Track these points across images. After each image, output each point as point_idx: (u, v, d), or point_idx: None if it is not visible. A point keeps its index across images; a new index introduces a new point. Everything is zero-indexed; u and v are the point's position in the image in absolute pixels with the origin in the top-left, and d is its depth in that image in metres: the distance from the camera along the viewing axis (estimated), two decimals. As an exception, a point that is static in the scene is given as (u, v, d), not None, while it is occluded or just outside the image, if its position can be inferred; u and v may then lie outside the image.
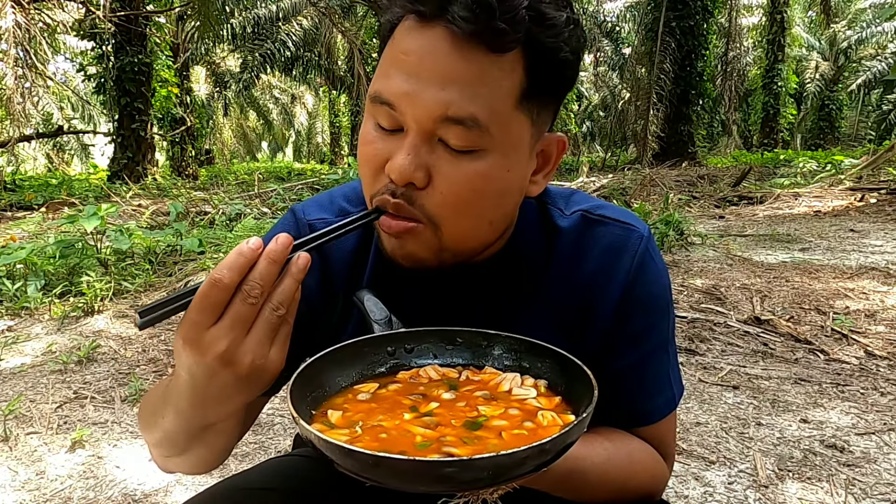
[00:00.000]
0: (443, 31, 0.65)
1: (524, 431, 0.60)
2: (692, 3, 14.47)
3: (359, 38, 17.74)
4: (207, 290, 0.57)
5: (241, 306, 0.58)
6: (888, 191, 7.85)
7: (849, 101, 25.29)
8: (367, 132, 0.72)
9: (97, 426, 2.36)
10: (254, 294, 0.58)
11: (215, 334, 0.58)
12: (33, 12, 10.05)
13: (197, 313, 0.58)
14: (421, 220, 0.70)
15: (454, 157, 0.68)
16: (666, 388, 0.85)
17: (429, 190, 0.69)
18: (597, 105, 26.43)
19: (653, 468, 0.84)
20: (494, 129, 0.67)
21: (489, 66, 0.66)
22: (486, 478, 0.51)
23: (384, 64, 0.71)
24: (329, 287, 0.84)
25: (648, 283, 0.82)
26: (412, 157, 0.67)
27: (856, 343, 3.02)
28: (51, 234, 5.49)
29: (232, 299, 0.58)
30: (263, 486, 0.82)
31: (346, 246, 0.84)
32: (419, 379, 0.72)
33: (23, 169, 19.79)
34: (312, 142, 36.40)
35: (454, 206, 0.70)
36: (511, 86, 0.67)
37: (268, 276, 0.58)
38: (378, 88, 0.69)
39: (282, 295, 0.60)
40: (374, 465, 0.50)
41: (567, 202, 0.86)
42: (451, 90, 0.65)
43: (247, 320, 0.58)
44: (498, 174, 0.70)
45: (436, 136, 0.68)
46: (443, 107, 0.66)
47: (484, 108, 0.66)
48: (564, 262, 0.83)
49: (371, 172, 0.72)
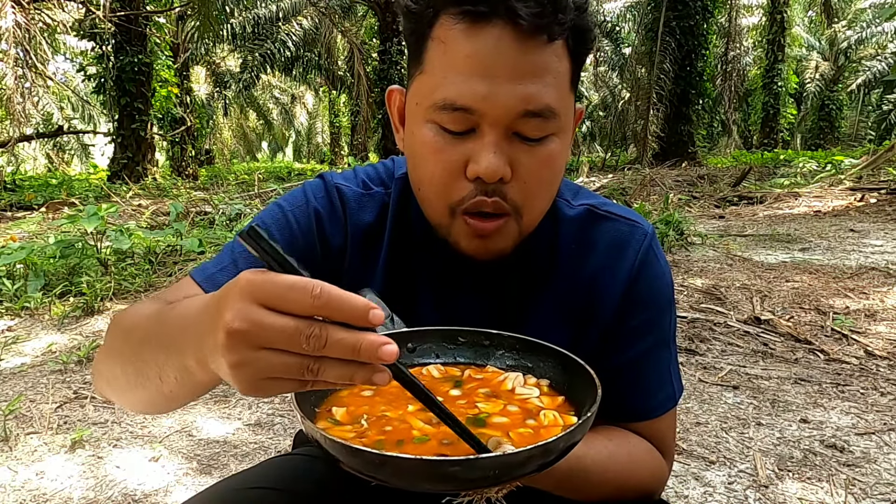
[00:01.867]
0: (503, 28, 0.66)
1: (529, 430, 0.61)
2: (692, 3, 14.46)
3: (359, 38, 17.74)
4: (297, 284, 0.46)
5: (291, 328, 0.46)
6: (888, 191, 7.84)
7: (849, 101, 25.29)
8: (432, 139, 0.72)
9: (97, 426, 2.36)
10: (311, 342, 0.46)
11: (252, 314, 0.47)
12: (33, 12, 10.05)
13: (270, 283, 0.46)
14: (509, 212, 0.73)
15: (530, 147, 0.71)
16: (666, 385, 0.86)
17: (513, 182, 0.71)
18: (597, 105, 26.42)
19: (653, 466, 0.85)
20: (562, 113, 0.71)
21: (549, 55, 0.69)
22: (491, 477, 0.51)
23: (439, 71, 0.70)
24: (345, 248, 0.86)
25: (651, 279, 0.84)
26: (498, 154, 0.69)
27: (856, 343, 3.02)
28: (51, 234, 5.48)
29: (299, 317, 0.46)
30: (264, 486, 0.83)
31: (365, 216, 0.86)
32: (422, 378, 0.72)
33: (23, 169, 19.80)
34: (312, 142, 36.41)
35: (535, 192, 0.74)
36: (565, 70, 0.71)
37: (339, 349, 0.47)
38: (447, 96, 0.69)
39: (330, 367, 0.48)
40: (380, 465, 0.51)
41: (574, 194, 0.88)
42: (527, 84, 0.68)
43: (281, 342, 0.47)
44: (563, 153, 0.75)
45: (511, 131, 0.70)
46: (522, 102, 0.68)
47: (554, 97, 0.70)
48: (569, 252, 0.85)
49: (447, 179, 0.72)
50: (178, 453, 2.17)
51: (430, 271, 0.85)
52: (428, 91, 0.71)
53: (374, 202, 0.87)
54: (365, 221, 0.86)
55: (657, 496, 0.86)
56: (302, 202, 0.85)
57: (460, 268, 0.84)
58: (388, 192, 0.88)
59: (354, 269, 0.86)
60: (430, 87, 0.71)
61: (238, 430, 2.35)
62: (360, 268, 0.85)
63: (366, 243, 0.86)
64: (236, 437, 2.29)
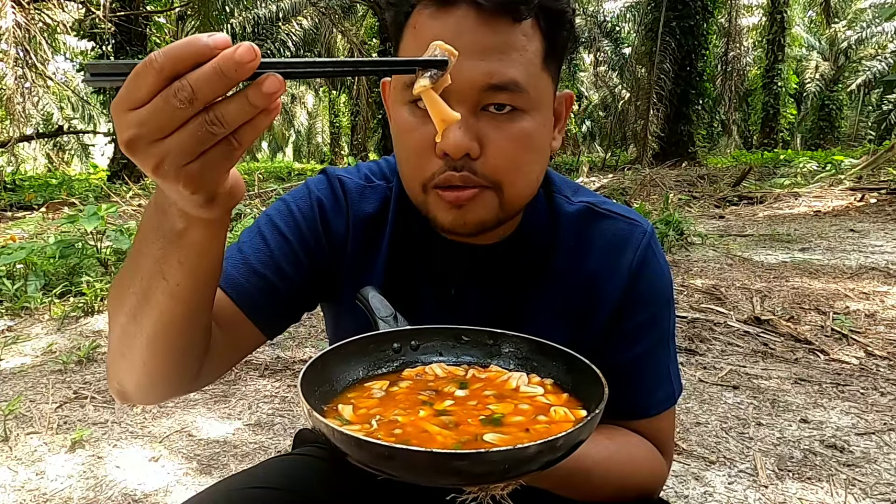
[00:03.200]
0: (466, 10, 0.69)
1: (545, 426, 0.61)
2: (692, 3, 14.47)
3: (359, 38, 17.75)
4: (139, 70, 0.45)
5: (161, 102, 0.45)
6: (888, 191, 7.84)
7: (849, 101, 25.31)
8: (405, 120, 0.74)
9: (97, 426, 2.36)
10: (181, 97, 0.45)
11: (128, 119, 0.47)
12: (33, 12, 10.05)
13: (125, 89, 0.46)
14: (484, 184, 0.74)
15: (500, 123, 0.72)
16: (666, 383, 0.86)
17: (483, 158, 0.73)
18: (597, 105, 26.43)
19: (652, 466, 0.85)
20: (531, 90, 0.72)
21: (515, 34, 0.71)
22: (497, 472, 0.51)
23: (411, 54, 0.72)
24: (345, 240, 0.87)
25: (651, 277, 0.84)
26: (464, 130, 0.70)
27: (856, 343, 3.02)
28: (51, 234, 5.48)
29: (160, 91, 0.46)
30: (264, 486, 0.83)
31: (367, 206, 0.87)
32: (425, 376, 0.72)
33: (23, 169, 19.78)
34: (312, 142, 36.41)
35: (508, 167, 0.74)
36: (535, 49, 0.72)
37: (206, 83, 0.45)
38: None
39: (226, 109, 0.46)
40: (388, 458, 0.51)
41: (574, 192, 0.89)
42: (490, 60, 0.70)
43: (165, 121, 0.46)
44: (538, 130, 0.75)
45: (479, 106, 0.71)
46: (486, 76, 0.70)
47: (520, 72, 0.71)
48: (568, 249, 0.85)
49: (419, 157, 0.74)
50: (178, 453, 2.17)
51: (430, 264, 0.86)
52: (400, 76, 0.74)
53: (377, 194, 0.88)
54: (367, 211, 0.87)
55: (656, 496, 0.86)
56: (305, 194, 0.88)
57: (460, 260, 0.84)
58: (390, 186, 0.89)
59: (356, 257, 0.87)
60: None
61: (238, 430, 2.35)
62: (362, 257, 0.87)
63: (367, 233, 0.87)
64: (236, 437, 2.29)
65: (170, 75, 0.45)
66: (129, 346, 0.67)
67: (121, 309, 0.65)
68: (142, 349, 0.66)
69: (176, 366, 0.69)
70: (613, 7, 21.72)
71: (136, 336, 0.65)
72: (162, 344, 0.65)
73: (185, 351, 0.69)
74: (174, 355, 0.68)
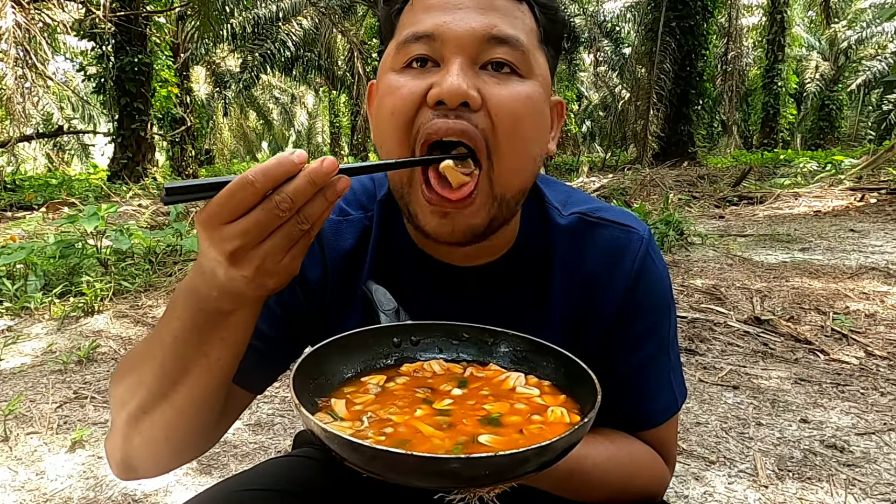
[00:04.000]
0: None
1: (539, 427, 0.60)
2: (692, 3, 14.46)
3: (359, 37, 17.74)
4: (235, 189, 0.53)
5: (262, 214, 0.54)
6: (888, 191, 7.84)
7: (849, 101, 25.29)
8: (392, 80, 0.70)
9: (97, 426, 2.36)
10: (283, 207, 0.54)
11: (229, 232, 0.54)
12: (33, 12, 10.05)
13: (218, 205, 0.54)
14: (478, 145, 0.68)
15: (501, 80, 0.69)
16: (667, 392, 0.84)
17: (481, 113, 0.68)
18: (597, 105, 26.43)
19: (654, 470, 0.84)
20: (531, 56, 0.71)
21: (512, 6, 0.71)
22: (488, 476, 0.51)
23: (406, 24, 0.71)
24: (325, 277, 0.84)
25: (649, 286, 0.82)
26: (462, 76, 0.66)
27: (856, 343, 3.02)
28: (51, 234, 5.48)
29: (257, 205, 0.54)
30: (263, 487, 0.82)
31: (343, 243, 0.84)
32: (423, 373, 0.72)
33: (23, 169, 19.79)
34: (312, 142, 36.40)
35: (508, 129, 0.69)
36: (531, 25, 0.73)
37: (302, 194, 0.54)
38: (412, 29, 0.70)
39: (311, 209, 0.55)
40: (376, 459, 0.50)
41: (564, 202, 0.85)
42: (492, 15, 0.69)
43: (265, 228, 0.55)
44: (540, 101, 0.72)
45: (479, 63, 0.69)
46: (487, 27, 0.68)
47: (522, 34, 0.71)
48: (564, 262, 0.83)
49: (406, 117, 0.69)
50: (178, 453, 2.17)
51: (417, 286, 0.83)
52: (395, 44, 0.72)
53: (353, 227, 0.84)
54: (343, 248, 0.83)
55: (658, 500, 0.85)
56: None
57: (451, 280, 0.82)
58: (368, 216, 0.85)
59: (336, 294, 0.83)
60: (397, 40, 0.72)
61: (238, 430, 2.35)
62: (343, 293, 0.83)
63: (346, 269, 0.83)
64: (236, 437, 2.29)
65: (266, 191, 0.53)
66: (149, 423, 0.69)
67: (140, 387, 0.68)
68: (166, 424, 0.68)
69: (198, 437, 0.74)
70: (613, 7, 21.70)
71: (163, 412, 0.67)
72: (190, 417, 0.69)
73: (208, 422, 0.73)
74: (200, 427, 0.72)
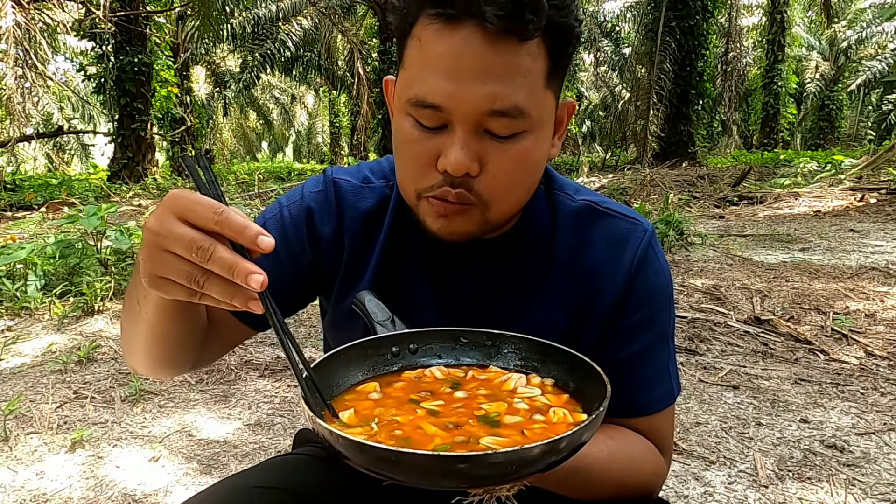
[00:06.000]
0: (473, 29, 0.67)
1: (542, 425, 0.60)
2: (692, 3, 14.46)
3: (359, 38, 17.74)
4: (204, 205, 0.55)
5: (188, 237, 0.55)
6: (888, 191, 7.85)
7: (849, 101, 25.28)
8: (408, 131, 0.75)
9: (97, 426, 2.36)
10: (196, 253, 0.54)
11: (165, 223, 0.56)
12: (33, 12, 10.05)
13: (186, 199, 0.56)
14: (473, 203, 0.75)
15: (500, 144, 0.72)
16: (665, 381, 0.86)
17: (481, 176, 0.74)
18: (597, 105, 26.43)
19: (652, 465, 0.85)
20: (533, 112, 0.72)
21: (520, 55, 0.69)
22: (499, 474, 0.51)
23: (415, 68, 0.72)
24: (339, 237, 0.89)
25: (651, 276, 0.85)
26: (466, 151, 0.71)
27: (856, 343, 3.02)
28: (51, 234, 5.48)
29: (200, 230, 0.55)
30: (264, 485, 0.83)
31: (362, 206, 0.89)
32: (424, 378, 0.72)
33: (23, 169, 19.79)
34: (312, 142, 36.41)
35: (504, 187, 0.75)
36: (539, 69, 0.71)
37: (217, 264, 0.54)
38: (419, 93, 0.71)
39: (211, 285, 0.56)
40: (390, 461, 0.51)
41: (576, 191, 0.90)
42: (493, 85, 0.69)
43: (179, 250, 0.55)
44: (537, 149, 0.76)
45: (482, 128, 0.72)
46: (488, 101, 0.69)
47: (523, 96, 0.70)
48: (568, 245, 0.86)
49: (419, 169, 0.76)
50: (178, 453, 2.17)
51: (428, 261, 0.87)
52: (405, 86, 0.74)
53: (374, 193, 0.90)
54: (363, 209, 0.89)
55: (656, 494, 0.86)
56: (297, 199, 0.91)
57: (458, 255, 0.85)
58: (388, 185, 0.90)
59: (353, 255, 0.89)
60: (406, 83, 0.74)
61: (238, 430, 2.35)
62: (359, 253, 0.89)
63: (365, 228, 0.89)
64: (236, 437, 2.29)
65: (215, 230, 0.54)
66: (131, 341, 0.81)
67: (124, 314, 0.81)
68: (140, 345, 0.80)
69: (170, 360, 0.82)
70: (613, 7, 21.74)
71: (134, 337, 0.80)
72: (153, 345, 0.79)
73: (174, 352, 0.81)
74: (166, 353, 0.81)
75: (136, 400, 2.58)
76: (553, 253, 0.86)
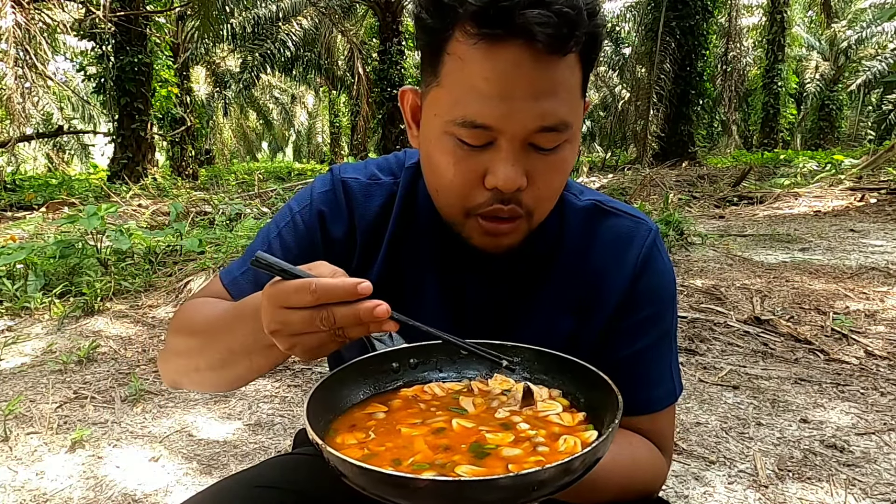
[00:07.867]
0: (520, 48, 0.67)
1: (540, 457, 0.59)
2: (692, 3, 14.44)
3: (359, 38, 17.74)
4: (298, 287, 0.62)
5: (307, 317, 0.62)
6: (888, 191, 7.84)
7: (849, 101, 25.25)
8: (451, 150, 0.74)
9: (97, 426, 2.36)
10: (324, 322, 0.62)
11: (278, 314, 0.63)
12: (33, 12, 10.05)
13: (281, 291, 0.63)
14: (522, 214, 0.77)
15: (545, 156, 0.74)
16: (667, 380, 0.87)
17: (528, 189, 0.75)
18: (597, 105, 26.42)
19: (653, 467, 0.85)
20: (574, 122, 0.74)
21: (562, 69, 0.70)
22: (509, 498, 0.51)
23: (458, 88, 0.71)
24: (352, 237, 0.89)
25: (655, 275, 0.86)
26: (515, 167, 0.72)
27: (856, 343, 3.02)
28: (51, 234, 5.48)
29: (309, 308, 0.62)
30: (264, 485, 0.83)
31: (372, 204, 0.90)
32: (422, 396, 0.72)
33: (23, 169, 19.79)
34: (312, 142, 36.40)
35: (548, 196, 0.78)
36: (577, 79, 0.73)
37: (345, 320, 0.62)
38: (467, 114, 0.71)
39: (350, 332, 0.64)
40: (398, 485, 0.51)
41: (580, 191, 0.91)
42: (543, 102, 0.70)
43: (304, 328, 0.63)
44: (573, 156, 0.78)
45: (527, 143, 0.72)
46: (539, 119, 0.70)
47: (568, 110, 0.72)
48: (575, 244, 0.87)
49: (465, 187, 0.76)
50: (178, 453, 2.17)
51: (434, 256, 0.88)
52: (446, 106, 0.73)
53: (382, 190, 0.90)
54: (373, 208, 0.89)
55: (656, 494, 0.87)
56: (307, 202, 0.90)
57: (465, 253, 0.86)
58: (396, 182, 0.90)
59: (363, 254, 0.90)
60: (448, 103, 0.72)
61: (238, 430, 2.35)
62: (368, 253, 0.89)
63: (372, 229, 0.89)
64: (236, 437, 2.29)
65: (321, 301, 0.61)
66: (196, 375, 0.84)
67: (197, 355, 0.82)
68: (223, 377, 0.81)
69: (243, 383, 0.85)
70: (613, 7, 21.71)
71: (207, 375, 0.82)
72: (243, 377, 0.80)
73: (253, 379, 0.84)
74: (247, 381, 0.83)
75: (136, 400, 2.58)
76: (560, 251, 0.87)
